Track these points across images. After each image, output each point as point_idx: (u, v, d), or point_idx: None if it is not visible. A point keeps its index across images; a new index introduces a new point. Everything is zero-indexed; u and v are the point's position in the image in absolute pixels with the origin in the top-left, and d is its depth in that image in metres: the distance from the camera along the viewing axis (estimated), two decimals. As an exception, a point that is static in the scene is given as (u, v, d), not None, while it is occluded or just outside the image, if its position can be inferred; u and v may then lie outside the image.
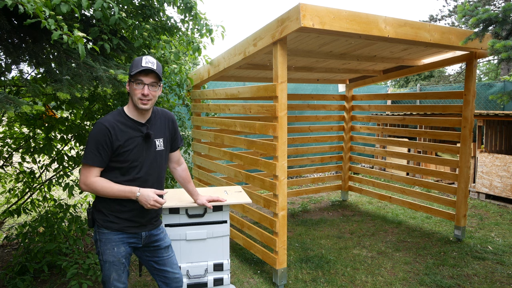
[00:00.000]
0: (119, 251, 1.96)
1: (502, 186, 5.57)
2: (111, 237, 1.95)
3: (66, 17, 2.39)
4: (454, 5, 16.96)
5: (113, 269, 1.96)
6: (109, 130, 1.85)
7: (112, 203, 1.93)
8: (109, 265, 1.95)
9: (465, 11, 3.03)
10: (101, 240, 1.96)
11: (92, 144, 1.85)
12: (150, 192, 1.90)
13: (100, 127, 1.86)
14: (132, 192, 1.89)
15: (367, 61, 4.35)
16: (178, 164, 2.31)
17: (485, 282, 3.26)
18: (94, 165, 1.85)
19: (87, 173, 1.86)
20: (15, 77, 3.01)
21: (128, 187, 1.89)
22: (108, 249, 1.94)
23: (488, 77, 20.10)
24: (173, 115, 2.19)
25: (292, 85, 7.30)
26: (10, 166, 3.69)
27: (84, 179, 1.86)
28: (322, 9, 2.59)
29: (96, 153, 1.84)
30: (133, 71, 1.87)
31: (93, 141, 1.85)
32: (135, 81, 1.88)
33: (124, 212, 1.95)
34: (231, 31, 64.69)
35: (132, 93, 1.91)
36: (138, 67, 1.86)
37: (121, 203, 1.93)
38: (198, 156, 4.58)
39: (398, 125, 7.69)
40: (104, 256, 1.95)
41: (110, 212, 1.94)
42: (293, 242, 4.18)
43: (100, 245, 1.96)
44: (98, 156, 1.85)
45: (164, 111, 2.15)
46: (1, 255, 3.85)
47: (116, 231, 1.95)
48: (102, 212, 1.95)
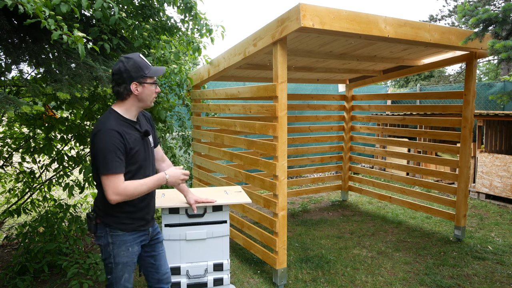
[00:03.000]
0: (133, 251, 1.99)
1: (502, 186, 5.57)
2: (126, 238, 1.96)
3: (66, 17, 2.39)
4: (454, 5, 16.96)
5: (126, 270, 1.98)
6: (120, 135, 1.83)
7: (126, 205, 1.93)
8: (123, 266, 1.96)
9: (465, 11, 3.03)
10: (114, 243, 1.94)
11: (111, 152, 1.79)
12: (174, 169, 2.03)
13: (111, 134, 1.81)
14: (161, 177, 1.96)
15: (367, 61, 4.36)
16: (162, 161, 2.30)
17: (485, 282, 3.26)
18: (120, 172, 1.82)
19: (116, 182, 1.80)
20: (15, 77, 3.01)
21: (155, 176, 1.95)
22: (123, 251, 1.95)
23: (488, 77, 20.10)
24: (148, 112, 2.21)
25: (292, 85, 7.30)
26: (10, 166, 3.69)
27: (115, 190, 1.79)
28: (322, 9, 2.59)
29: (118, 160, 1.81)
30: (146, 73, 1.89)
31: (110, 148, 1.79)
32: (150, 83, 1.92)
33: (137, 212, 1.98)
34: (231, 31, 64.69)
35: (145, 94, 1.91)
36: (150, 68, 1.91)
37: (134, 203, 1.95)
38: (198, 156, 4.58)
39: (398, 125, 7.69)
40: (117, 258, 1.94)
41: (123, 214, 1.94)
42: (293, 242, 4.18)
43: (113, 248, 1.94)
44: (120, 162, 1.82)
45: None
46: (1, 255, 3.85)
47: (131, 232, 1.97)
48: (114, 215, 1.93)
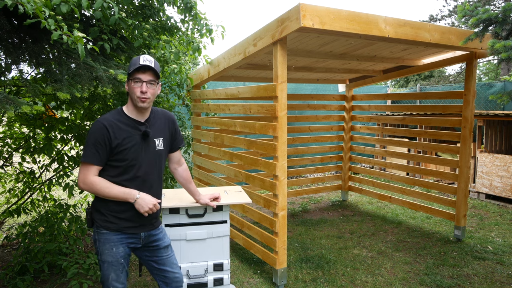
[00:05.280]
0: (118, 252, 1.96)
1: (502, 186, 5.57)
2: (110, 237, 1.94)
3: (66, 17, 2.39)
4: (454, 5, 16.96)
5: (112, 269, 1.95)
6: (107, 129, 1.85)
7: (111, 203, 1.93)
8: (108, 265, 1.95)
9: (465, 11, 3.03)
10: (99, 240, 1.95)
11: (90, 142, 1.85)
12: (149, 197, 1.94)
13: (98, 125, 1.86)
14: (132, 194, 1.90)
15: (367, 61, 4.35)
16: (179, 165, 2.31)
17: (485, 282, 3.26)
18: (92, 163, 1.85)
19: (85, 172, 1.85)
20: (15, 77, 3.01)
21: (128, 189, 1.90)
22: (107, 249, 1.94)
23: (488, 77, 20.09)
24: (173, 115, 2.19)
25: (292, 85, 7.30)
26: (10, 166, 3.69)
27: (83, 178, 1.86)
28: (322, 9, 2.59)
29: (94, 151, 1.84)
30: (131, 69, 1.89)
31: (91, 139, 1.85)
32: (133, 79, 1.89)
33: (124, 212, 1.95)
34: (231, 31, 64.69)
35: (131, 92, 1.91)
36: (136, 65, 1.88)
37: (120, 203, 1.93)
38: (198, 156, 4.58)
39: (398, 125, 7.69)
40: (103, 256, 1.95)
41: (109, 212, 1.94)
42: (293, 242, 4.18)
43: (99, 245, 1.96)
44: (96, 154, 1.84)
45: (164, 111, 2.15)
46: (1, 255, 3.85)
47: (114, 232, 1.95)
48: (101, 212, 1.95)
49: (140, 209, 1.91)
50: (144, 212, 1.92)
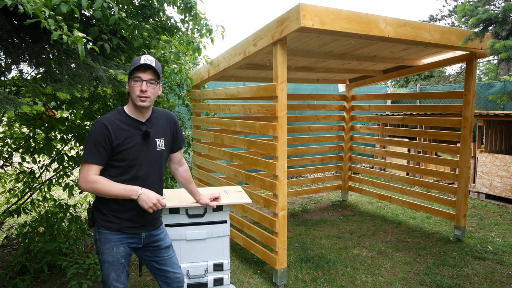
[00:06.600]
0: (118, 252, 1.96)
1: (502, 186, 5.57)
2: (111, 237, 1.94)
3: (66, 17, 2.39)
4: (454, 5, 16.96)
5: (112, 269, 1.96)
6: (107, 128, 1.85)
7: (112, 203, 1.93)
8: (108, 265, 1.95)
9: (465, 11, 3.03)
10: (100, 240, 1.95)
11: (91, 142, 1.85)
12: (152, 193, 1.92)
13: (98, 125, 1.86)
14: (134, 190, 1.88)
15: (367, 61, 4.35)
16: (179, 165, 2.31)
17: (485, 282, 3.26)
18: (93, 163, 1.85)
19: (86, 172, 1.85)
20: (15, 77, 3.01)
21: (129, 186, 1.89)
22: (107, 249, 1.94)
23: (488, 77, 20.09)
24: (175, 115, 2.19)
25: (292, 85, 7.30)
26: (10, 166, 3.69)
27: (84, 177, 1.85)
28: (322, 9, 2.59)
29: (95, 151, 1.84)
30: (131, 68, 1.89)
31: (92, 139, 1.85)
32: (133, 78, 1.89)
33: (124, 212, 1.95)
34: (231, 31, 64.68)
35: (131, 91, 1.91)
36: (137, 64, 1.88)
37: (121, 202, 1.93)
38: (198, 156, 4.58)
39: (398, 125, 7.69)
40: (103, 256, 1.95)
41: (110, 212, 1.94)
42: (293, 242, 4.18)
43: (100, 245, 1.96)
44: (96, 154, 1.84)
45: (166, 111, 2.15)
46: (1, 255, 3.85)
47: (115, 231, 1.95)
48: (102, 212, 1.95)
49: (144, 205, 1.89)
50: (148, 208, 1.89)
